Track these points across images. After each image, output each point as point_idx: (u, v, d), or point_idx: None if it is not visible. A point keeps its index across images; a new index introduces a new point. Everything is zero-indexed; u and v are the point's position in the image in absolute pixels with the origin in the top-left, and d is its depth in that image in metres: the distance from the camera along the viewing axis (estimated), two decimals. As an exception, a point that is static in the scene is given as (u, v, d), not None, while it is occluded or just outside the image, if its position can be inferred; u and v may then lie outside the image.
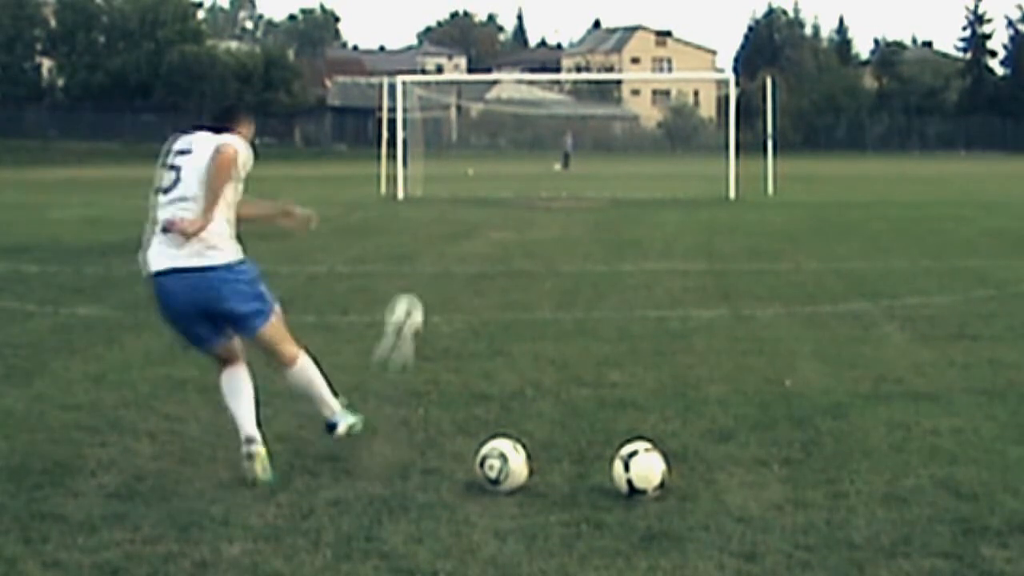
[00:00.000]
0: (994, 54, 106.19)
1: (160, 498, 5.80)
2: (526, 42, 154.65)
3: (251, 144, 6.40)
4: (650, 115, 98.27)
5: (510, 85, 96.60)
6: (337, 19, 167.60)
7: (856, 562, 4.94)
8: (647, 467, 5.80)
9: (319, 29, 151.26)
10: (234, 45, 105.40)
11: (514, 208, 28.94)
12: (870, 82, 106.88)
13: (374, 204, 30.83)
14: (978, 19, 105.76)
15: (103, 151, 71.65)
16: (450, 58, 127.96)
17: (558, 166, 57.01)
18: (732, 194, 32.28)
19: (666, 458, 5.95)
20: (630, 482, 5.76)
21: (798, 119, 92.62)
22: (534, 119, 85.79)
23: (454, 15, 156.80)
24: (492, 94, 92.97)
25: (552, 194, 34.41)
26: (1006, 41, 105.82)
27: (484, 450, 5.98)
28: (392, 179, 33.71)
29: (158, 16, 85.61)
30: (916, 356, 9.45)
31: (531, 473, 5.99)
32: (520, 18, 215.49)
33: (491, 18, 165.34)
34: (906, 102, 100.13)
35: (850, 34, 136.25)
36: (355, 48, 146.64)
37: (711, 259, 17.20)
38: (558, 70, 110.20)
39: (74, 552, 5.06)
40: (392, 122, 34.98)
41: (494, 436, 6.26)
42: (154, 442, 6.84)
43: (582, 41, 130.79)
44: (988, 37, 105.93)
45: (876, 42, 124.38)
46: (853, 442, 6.77)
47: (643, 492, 5.74)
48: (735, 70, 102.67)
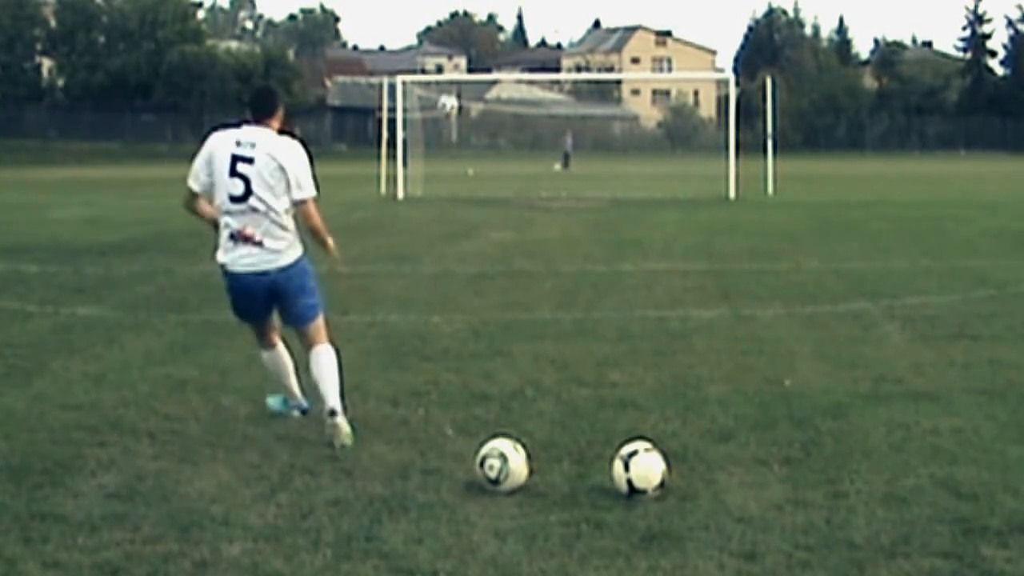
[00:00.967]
0: (994, 54, 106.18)
1: (160, 498, 5.80)
2: (526, 42, 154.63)
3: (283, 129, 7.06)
4: (650, 115, 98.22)
5: (510, 85, 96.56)
6: (337, 19, 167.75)
7: (856, 562, 4.94)
8: (647, 467, 5.80)
9: (319, 29, 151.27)
10: (234, 45, 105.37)
11: (514, 208, 28.94)
12: (870, 82, 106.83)
13: (374, 204, 30.83)
14: (978, 19, 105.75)
15: (103, 151, 71.67)
16: (450, 58, 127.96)
17: (558, 166, 57.00)
18: (732, 194, 32.29)
19: (666, 458, 5.95)
20: (630, 482, 5.76)
21: (798, 119, 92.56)
22: (534, 119, 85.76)
23: (454, 15, 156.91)
24: (492, 94, 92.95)
25: (552, 194, 34.41)
26: (1006, 41, 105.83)
27: (484, 450, 5.98)
28: (392, 179, 33.71)
29: (158, 16, 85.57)
30: (916, 356, 9.45)
31: (531, 473, 5.99)
32: (520, 18, 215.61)
33: (491, 18, 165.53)
34: (906, 102, 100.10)
35: (850, 34, 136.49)
36: (355, 48, 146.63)
37: (711, 259, 17.20)
38: (558, 70, 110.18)
39: (74, 552, 5.06)
40: (392, 122, 34.99)
41: (494, 436, 6.26)
42: (154, 442, 6.84)
43: (582, 41, 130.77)
44: (988, 37, 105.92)
45: (876, 42, 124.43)
46: (853, 442, 6.77)
47: (643, 492, 5.74)
48: (735, 70, 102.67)
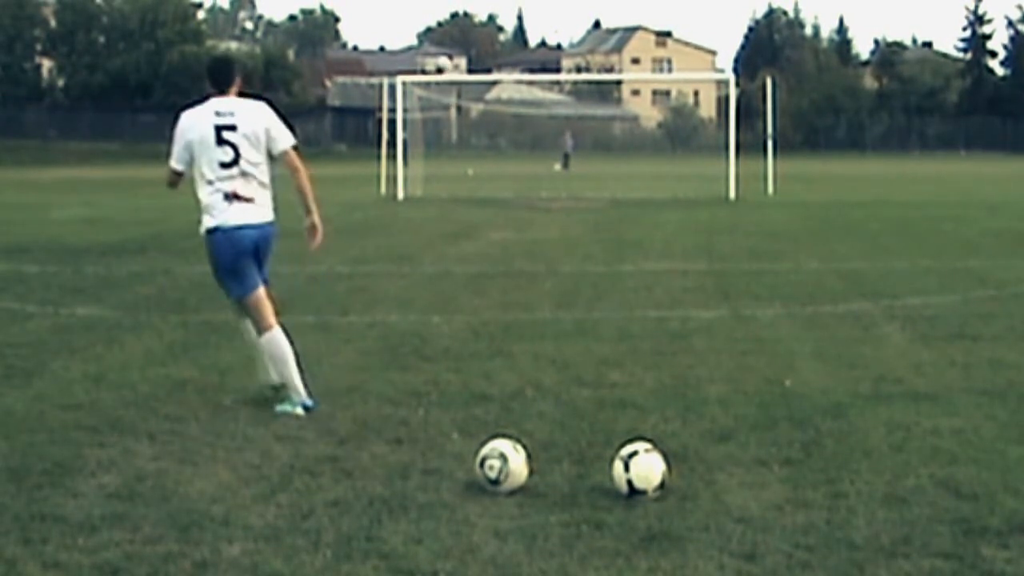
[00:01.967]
0: (994, 54, 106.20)
1: (160, 498, 5.80)
2: (526, 42, 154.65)
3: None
4: (650, 115, 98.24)
5: (510, 85, 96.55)
6: (337, 19, 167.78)
7: (856, 562, 4.94)
8: (647, 467, 5.79)
9: (319, 29, 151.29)
10: (234, 45, 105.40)
11: (514, 208, 28.94)
12: (870, 82, 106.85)
13: (374, 204, 30.83)
14: (978, 19, 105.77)
15: (103, 151, 71.65)
16: (450, 58, 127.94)
17: (558, 166, 57.02)
18: (732, 194, 32.29)
19: (666, 458, 5.95)
20: (630, 482, 5.76)
21: (798, 119, 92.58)
22: (534, 119, 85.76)
23: (454, 15, 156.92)
24: (492, 94, 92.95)
25: (552, 194, 34.42)
26: (1006, 41, 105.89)
27: (484, 450, 5.97)
28: (392, 179, 33.71)
29: (158, 16, 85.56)
30: (916, 356, 9.44)
31: (531, 473, 5.98)
32: (520, 18, 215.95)
33: (491, 18, 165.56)
34: (906, 102, 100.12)
35: (850, 34, 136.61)
36: (355, 48, 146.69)
37: (711, 259, 17.20)
38: (558, 70, 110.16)
39: (74, 552, 5.06)
40: (392, 122, 34.99)
41: (494, 436, 6.26)
42: (154, 442, 6.84)
43: (582, 41, 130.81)
44: (988, 37, 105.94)
45: (876, 42, 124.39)
46: (853, 442, 6.77)
47: (643, 492, 5.74)
48: (735, 70, 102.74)
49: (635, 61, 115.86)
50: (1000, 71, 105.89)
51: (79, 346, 9.97)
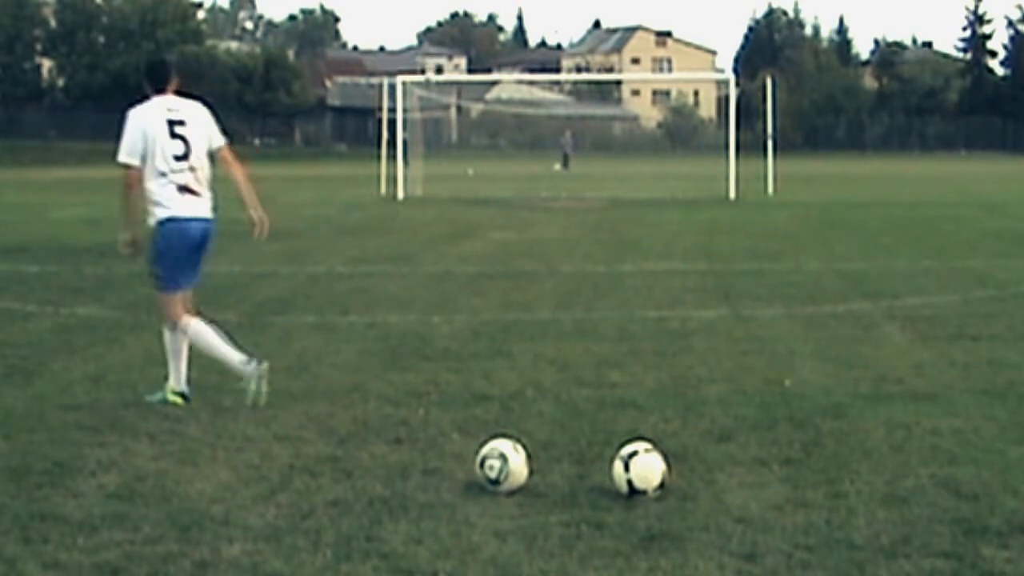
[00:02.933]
0: (994, 54, 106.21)
1: (160, 498, 5.80)
2: (526, 42, 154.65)
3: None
4: (650, 115, 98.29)
5: (510, 85, 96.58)
6: (337, 19, 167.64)
7: (856, 562, 4.94)
8: (647, 467, 5.79)
9: (319, 29, 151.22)
10: (234, 45, 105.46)
11: (514, 208, 28.94)
12: (870, 82, 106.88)
13: (374, 204, 30.83)
14: (978, 19, 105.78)
15: (103, 151, 70.80)
16: (450, 58, 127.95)
17: (558, 166, 57.01)
18: (732, 194, 32.29)
19: (666, 458, 5.95)
20: (630, 482, 5.76)
21: (798, 119, 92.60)
22: (534, 119, 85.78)
23: (454, 15, 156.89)
24: (492, 94, 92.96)
25: (552, 194, 34.42)
26: (1006, 41, 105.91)
27: (484, 450, 5.97)
28: (392, 179, 33.71)
29: (158, 16, 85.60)
30: (916, 356, 9.44)
31: (531, 473, 5.98)
32: (520, 18, 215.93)
33: (491, 18, 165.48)
34: (906, 102, 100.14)
35: (850, 34, 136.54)
36: (355, 48, 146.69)
37: (711, 259, 17.20)
38: (558, 70, 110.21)
39: (74, 552, 5.06)
40: (392, 122, 35.00)
41: (494, 436, 6.26)
42: (154, 442, 6.84)
43: (582, 41, 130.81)
44: (988, 37, 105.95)
45: (876, 42, 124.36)
46: (853, 442, 6.77)
47: (643, 492, 5.74)
48: (735, 70, 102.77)
49: (635, 61, 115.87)
50: (1000, 71, 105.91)
51: (79, 346, 9.97)
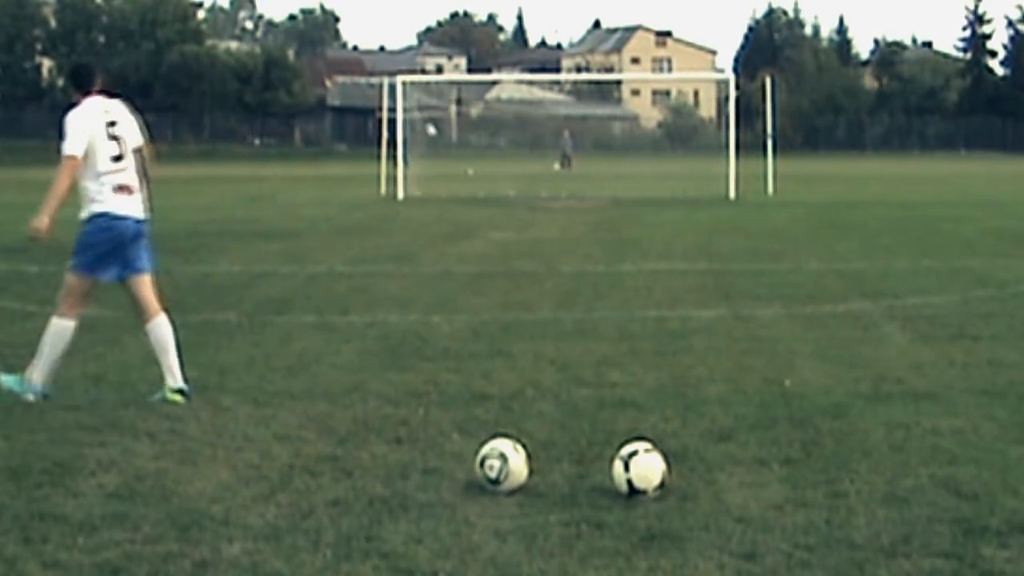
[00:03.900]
0: (994, 54, 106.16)
1: (160, 498, 5.80)
2: (526, 42, 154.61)
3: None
4: (650, 115, 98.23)
5: (510, 85, 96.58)
6: (337, 19, 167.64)
7: (856, 562, 4.94)
8: (647, 467, 5.79)
9: (319, 29, 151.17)
10: (234, 45, 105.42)
11: (514, 208, 28.94)
12: (870, 82, 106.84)
13: (374, 204, 30.83)
14: (978, 19, 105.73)
15: (103, 151, 71.47)
16: (450, 58, 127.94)
17: (558, 166, 57.00)
18: (732, 194, 32.29)
19: (666, 458, 5.95)
20: (630, 482, 5.76)
21: (798, 119, 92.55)
22: (534, 119, 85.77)
23: (454, 15, 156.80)
24: (492, 94, 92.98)
25: (552, 194, 34.42)
26: (1006, 41, 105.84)
27: (484, 450, 5.97)
28: (392, 179, 33.70)
29: (158, 16, 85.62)
30: (916, 356, 9.44)
31: (531, 473, 5.98)
32: (520, 18, 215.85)
33: (491, 18, 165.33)
34: (906, 102, 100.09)
35: (850, 34, 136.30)
36: (355, 48, 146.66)
37: (711, 259, 17.20)
38: (558, 70, 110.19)
39: (74, 552, 5.06)
40: (392, 122, 34.99)
41: (494, 436, 6.26)
42: (154, 442, 6.84)
43: (582, 41, 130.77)
44: (988, 37, 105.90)
45: (876, 42, 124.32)
46: (853, 442, 6.77)
47: (643, 492, 5.74)
48: (735, 70, 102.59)
49: (635, 61, 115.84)
50: (1000, 71, 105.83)
51: (79, 346, 9.93)
